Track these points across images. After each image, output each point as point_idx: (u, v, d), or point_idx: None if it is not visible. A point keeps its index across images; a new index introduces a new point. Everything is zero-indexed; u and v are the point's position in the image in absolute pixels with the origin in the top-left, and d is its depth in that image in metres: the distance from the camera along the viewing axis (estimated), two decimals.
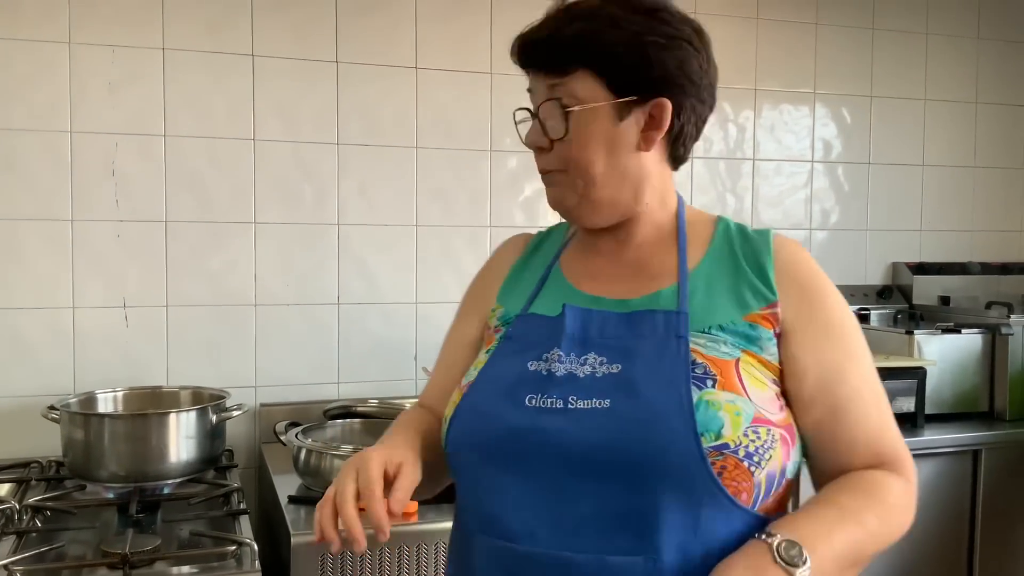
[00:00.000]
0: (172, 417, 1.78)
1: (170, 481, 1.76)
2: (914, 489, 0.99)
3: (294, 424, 1.95)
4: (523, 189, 2.34)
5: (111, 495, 1.74)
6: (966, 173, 2.83)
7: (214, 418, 1.83)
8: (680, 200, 1.08)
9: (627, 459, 0.92)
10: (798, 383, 0.97)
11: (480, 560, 0.99)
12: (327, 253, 2.22)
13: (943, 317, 2.56)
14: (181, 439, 1.76)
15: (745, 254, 1.03)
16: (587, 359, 0.99)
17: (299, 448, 1.78)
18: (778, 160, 2.64)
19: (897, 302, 2.74)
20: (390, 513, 0.92)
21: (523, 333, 1.06)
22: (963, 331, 2.43)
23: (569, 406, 0.96)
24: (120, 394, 1.99)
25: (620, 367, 0.97)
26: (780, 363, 0.98)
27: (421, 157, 2.27)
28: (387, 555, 1.56)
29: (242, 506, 1.70)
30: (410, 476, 0.97)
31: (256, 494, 2.13)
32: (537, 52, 1.02)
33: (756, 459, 0.91)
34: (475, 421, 1.01)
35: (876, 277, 2.80)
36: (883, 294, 2.74)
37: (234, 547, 1.48)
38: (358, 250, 2.24)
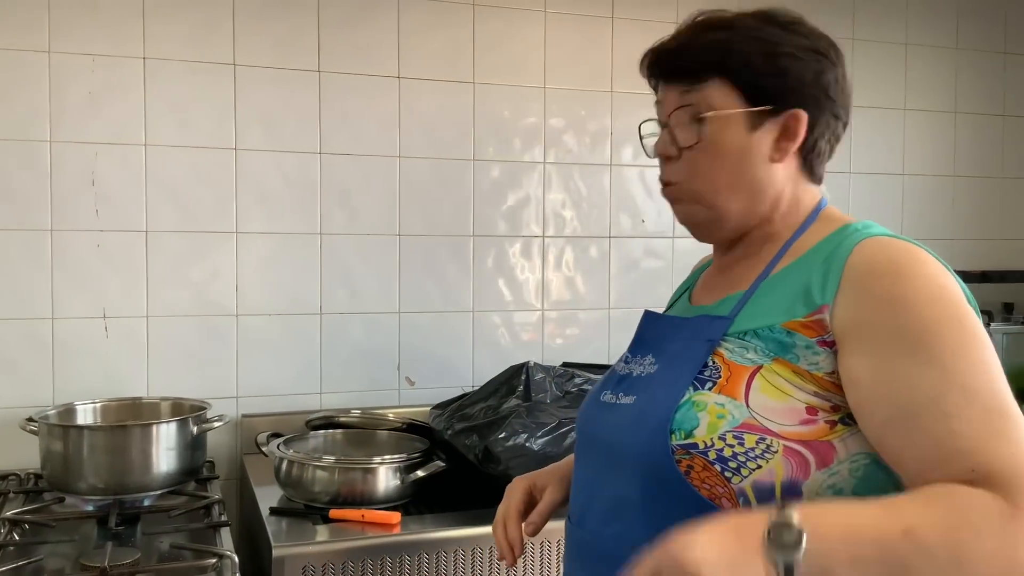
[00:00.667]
0: (152, 428, 1.76)
1: (150, 493, 1.75)
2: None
3: (276, 435, 1.94)
4: (506, 198, 2.34)
5: (90, 508, 1.72)
6: (946, 182, 2.86)
7: (195, 429, 1.82)
8: (816, 211, 1.06)
9: (619, 449, 1.00)
10: (852, 392, 0.90)
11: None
12: (309, 263, 2.21)
13: None
14: (161, 451, 1.75)
15: (826, 257, 0.96)
16: (644, 360, 1.07)
17: (281, 459, 1.77)
18: None
19: None
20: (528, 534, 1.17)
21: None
22: None
23: (616, 402, 1.05)
24: (99, 405, 1.97)
25: (657, 367, 1.04)
26: (835, 373, 0.91)
27: (404, 166, 2.27)
28: (369, 566, 1.55)
29: (223, 518, 1.68)
30: (547, 500, 1.18)
31: (237, 506, 2.12)
32: (671, 61, 1.04)
33: (733, 465, 0.90)
34: (579, 415, 1.15)
35: None
36: None
37: (215, 559, 1.47)
38: (341, 259, 2.23)
